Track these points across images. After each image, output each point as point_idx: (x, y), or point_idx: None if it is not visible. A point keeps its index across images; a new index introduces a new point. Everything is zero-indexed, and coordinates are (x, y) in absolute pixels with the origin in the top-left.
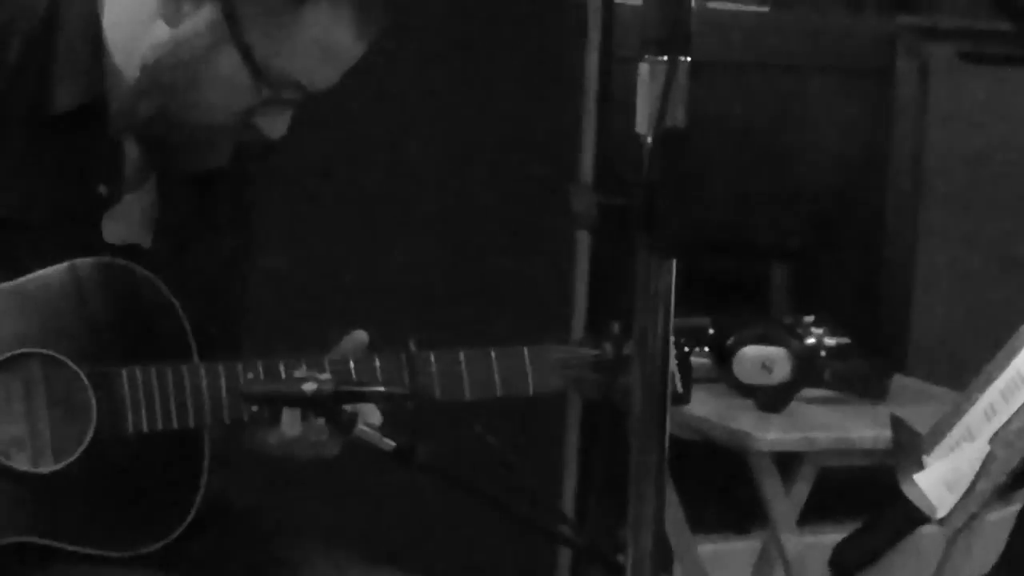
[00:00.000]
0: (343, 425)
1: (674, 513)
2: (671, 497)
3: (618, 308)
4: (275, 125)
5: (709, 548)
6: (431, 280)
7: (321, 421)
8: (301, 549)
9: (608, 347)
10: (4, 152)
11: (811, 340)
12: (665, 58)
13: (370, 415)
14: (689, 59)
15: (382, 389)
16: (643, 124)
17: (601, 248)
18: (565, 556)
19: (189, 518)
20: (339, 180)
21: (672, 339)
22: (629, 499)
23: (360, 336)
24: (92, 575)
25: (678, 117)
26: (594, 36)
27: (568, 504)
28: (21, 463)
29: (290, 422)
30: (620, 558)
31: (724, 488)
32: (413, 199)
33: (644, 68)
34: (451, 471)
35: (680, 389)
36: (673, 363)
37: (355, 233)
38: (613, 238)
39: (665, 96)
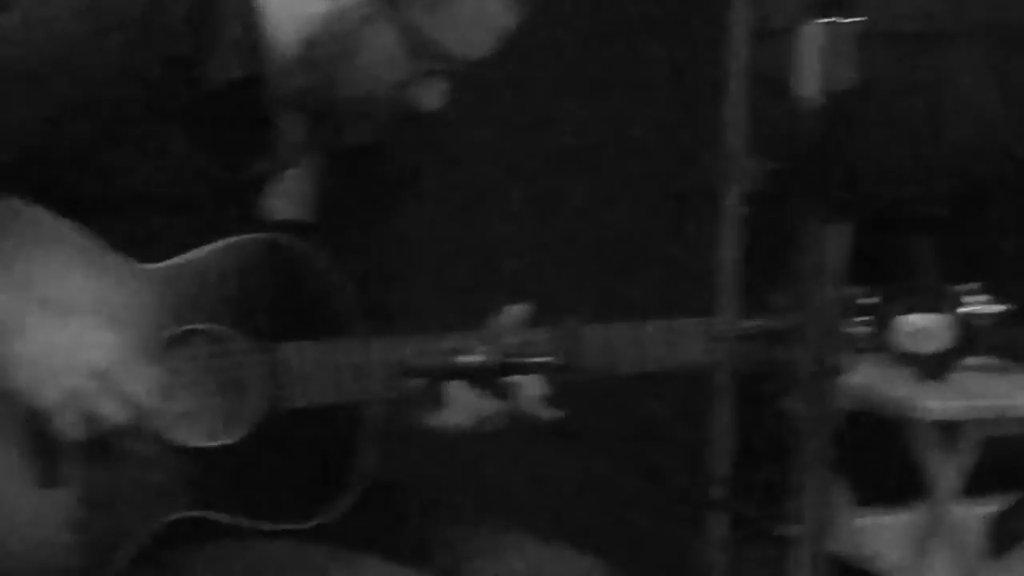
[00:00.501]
0: (505, 397)
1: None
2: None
3: (772, 278)
4: (430, 96)
5: (868, 521)
6: (585, 255)
7: (483, 395)
8: (460, 525)
9: (767, 318)
10: (164, 130)
11: (973, 307)
12: (832, 20)
13: (530, 387)
14: (859, 19)
15: (543, 361)
16: (807, 87)
17: (751, 217)
18: (716, 528)
19: (351, 492)
20: (496, 158)
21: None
22: (795, 470)
23: (519, 310)
24: (258, 548)
25: (847, 79)
26: (740, 4)
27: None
28: (190, 439)
29: (456, 407)
30: (781, 529)
31: (883, 459)
32: (566, 176)
33: (809, 30)
34: (608, 442)
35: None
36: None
37: (513, 210)
38: (776, 204)
39: (834, 57)
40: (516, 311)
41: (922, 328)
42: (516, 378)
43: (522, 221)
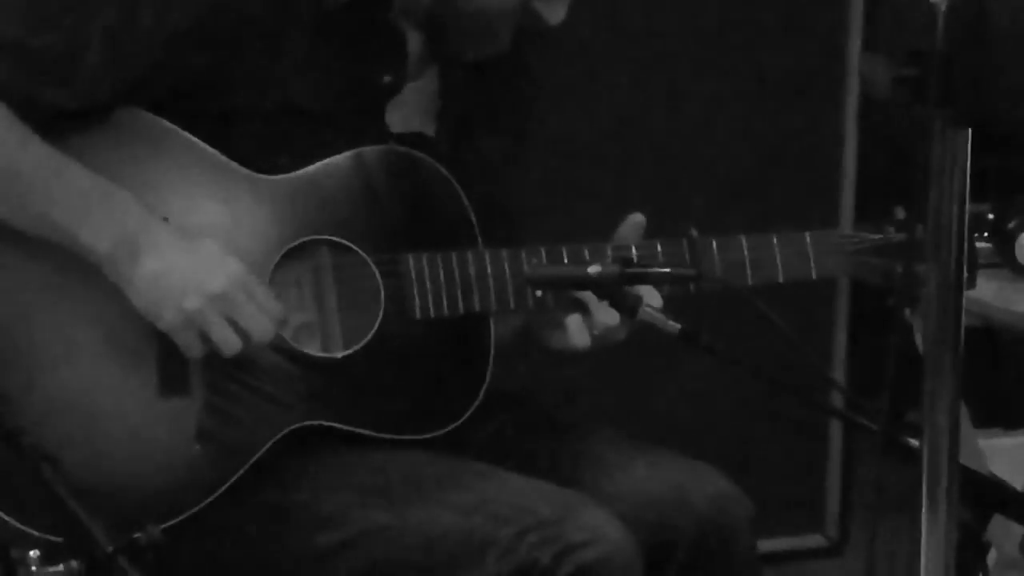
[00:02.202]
0: (628, 308)
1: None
2: None
3: (893, 190)
4: (554, 11)
5: (986, 443)
6: (707, 167)
7: (606, 304)
8: (588, 438)
9: (891, 231)
10: (292, 43)
11: None
12: None
13: (651, 298)
14: None
15: (668, 270)
16: None
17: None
18: (836, 441)
19: (475, 404)
20: (617, 67)
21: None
22: (924, 384)
23: (638, 218)
24: (379, 459)
25: None
26: None
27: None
28: (312, 348)
29: (577, 330)
30: (912, 443)
31: (994, 383)
32: (686, 90)
33: None
34: (734, 353)
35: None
36: None
37: (630, 123)
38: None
39: None
40: (637, 219)
41: None
42: (638, 288)
43: (644, 132)
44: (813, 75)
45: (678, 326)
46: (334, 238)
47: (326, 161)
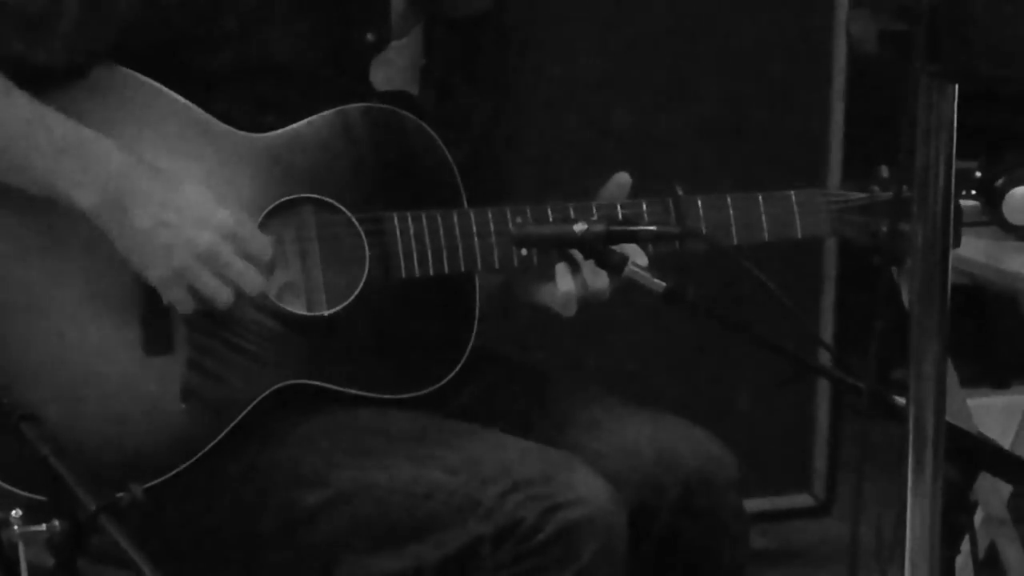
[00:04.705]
0: (614, 266)
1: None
2: None
3: (881, 148)
4: None
5: (972, 402)
6: (688, 126)
7: (591, 263)
8: (574, 397)
9: (876, 189)
10: (275, 1)
11: None
12: None
13: (637, 257)
14: None
15: (654, 228)
16: None
17: (860, 83)
18: (823, 400)
19: (461, 363)
20: (602, 29)
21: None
22: (911, 342)
23: (623, 178)
24: (364, 417)
25: None
26: None
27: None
28: (296, 307)
29: (562, 275)
30: (899, 401)
31: (982, 342)
32: (672, 47)
33: None
34: (718, 311)
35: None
36: None
37: (615, 81)
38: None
39: None
40: (623, 179)
41: None
42: (624, 247)
43: (630, 90)
44: (801, 31)
45: (664, 284)
46: (318, 196)
47: (310, 119)
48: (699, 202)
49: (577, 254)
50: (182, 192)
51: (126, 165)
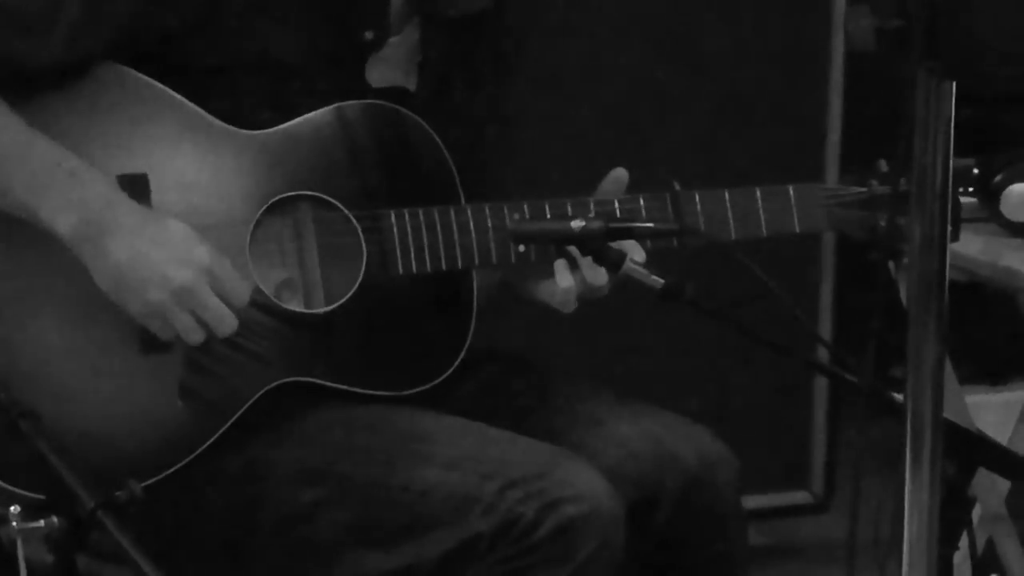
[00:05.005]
0: (612, 263)
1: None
2: None
3: (879, 143)
4: None
5: (967, 400)
6: (686, 122)
7: (589, 260)
8: (572, 393)
9: (875, 184)
10: None
11: None
12: None
13: (635, 253)
14: None
15: (651, 225)
16: None
17: (859, 79)
18: (821, 397)
19: (458, 360)
20: (597, 26)
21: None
22: (909, 338)
23: (621, 173)
24: (362, 414)
25: None
26: None
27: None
28: (293, 304)
29: (561, 272)
30: (897, 398)
31: (980, 339)
32: (670, 43)
33: None
34: (717, 308)
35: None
36: None
37: (612, 78)
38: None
39: None
40: (620, 175)
41: None
42: (622, 243)
43: (627, 86)
44: (799, 28)
45: (662, 281)
46: (315, 193)
47: (307, 116)
48: (697, 197)
49: (575, 251)
50: (164, 226)
51: (110, 196)
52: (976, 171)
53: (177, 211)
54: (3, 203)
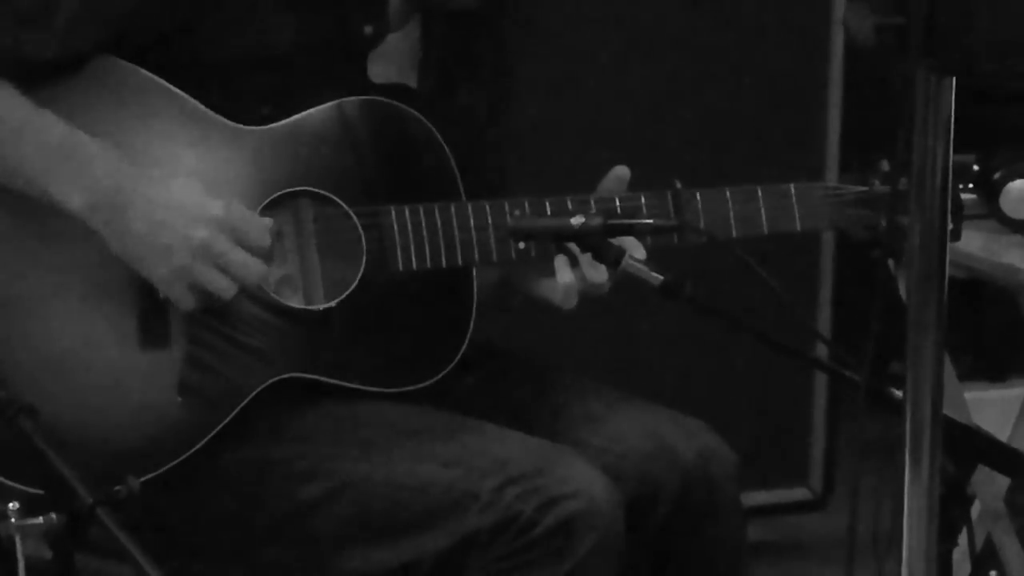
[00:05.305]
0: (611, 260)
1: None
2: None
3: (878, 140)
4: None
5: (966, 396)
6: (686, 120)
7: (589, 256)
8: (571, 390)
9: (876, 183)
10: None
11: None
12: None
13: (635, 250)
14: None
15: (651, 222)
16: None
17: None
18: (820, 394)
19: (458, 357)
20: (599, 23)
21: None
22: (908, 335)
23: (622, 171)
24: (362, 410)
25: None
26: None
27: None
28: (293, 300)
29: (562, 268)
30: (896, 394)
31: (979, 335)
32: (671, 41)
33: None
34: (717, 305)
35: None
36: None
37: (613, 75)
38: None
39: None
40: (621, 172)
41: None
42: (622, 240)
43: (627, 83)
44: (798, 25)
45: (661, 278)
46: (315, 189)
47: (307, 112)
48: (698, 195)
49: (575, 247)
50: (171, 189)
51: (117, 168)
52: (976, 167)
53: None
54: (14, 182)
